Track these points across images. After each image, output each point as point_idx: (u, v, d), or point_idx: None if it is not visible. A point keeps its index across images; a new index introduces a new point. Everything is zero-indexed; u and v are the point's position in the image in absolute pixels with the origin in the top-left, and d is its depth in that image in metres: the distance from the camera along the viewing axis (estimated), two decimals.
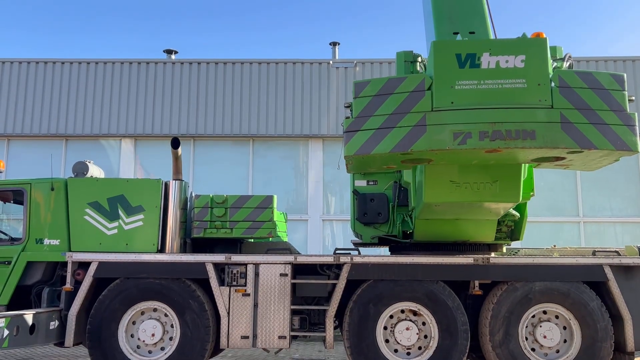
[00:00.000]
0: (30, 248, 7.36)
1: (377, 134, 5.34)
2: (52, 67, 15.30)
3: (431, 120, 5.22)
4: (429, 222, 7.04)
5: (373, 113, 5.40)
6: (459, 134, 5.12)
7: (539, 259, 7.10)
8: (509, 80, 5.22)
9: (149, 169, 14.95)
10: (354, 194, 7.95)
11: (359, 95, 5.51)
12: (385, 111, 5.38)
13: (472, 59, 5.29)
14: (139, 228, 7.41)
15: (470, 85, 5.25)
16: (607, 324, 6.87)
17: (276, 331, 7.07)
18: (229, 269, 7.20)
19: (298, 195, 14.92)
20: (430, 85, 5.31)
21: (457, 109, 5.21)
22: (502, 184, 6.09)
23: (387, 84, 5.47)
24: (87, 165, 8.08)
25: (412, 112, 5.28)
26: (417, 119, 5.24)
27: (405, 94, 5.34)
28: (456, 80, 5.26)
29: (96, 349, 6.98)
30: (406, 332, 6.98)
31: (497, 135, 5.07)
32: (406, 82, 5.42)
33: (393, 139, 5.28)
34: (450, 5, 6.72)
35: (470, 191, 6.09)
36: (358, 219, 7.85)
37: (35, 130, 15.01)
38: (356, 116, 5.47)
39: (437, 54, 5.39)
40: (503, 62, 5.26)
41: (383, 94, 5.42)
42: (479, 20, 6.66)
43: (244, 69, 15.21)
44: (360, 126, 5.42)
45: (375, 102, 5.43)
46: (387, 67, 15.11)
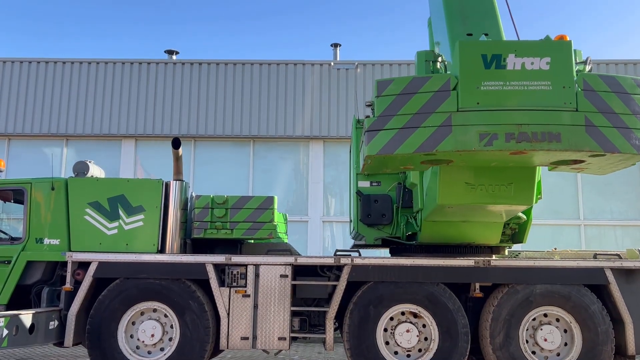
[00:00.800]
0: (30, 247, 7.34)
1: (400, 134, 5.25)
2: (53, 66, 15.31)
3: (457, 121, 5.16)
4: (436, 224, 7.02)
5: (396, 112, 5.30)
6: (485, 135, 5.08)
7: (540, 262, 7.08)
8: (534, 82, 5.20)
9: (150, 169, 14.94)
10: (357, 195, 7.90)
11: (381, 94, 5.39)
12: (409, 110, 5.28)
13: (497, 60, 5.26)
14: (139, 228, 7.39)
15: (496, 86, 5.22)
16: (608, 327, 6.86)
17: (276, 332, 7.05)
18: (229, 269, 7.18)
19: (298, 197, 14.92)
20: (456, 85, 5.25)
21: (483, 109, 5.16)
22: (516, 187, 6.09)
23: (411, 83, 5.38)
24: (88, 165, 8.06)
25: (437, 112, 5.20)
26: (442, 119, 5.17)
27: (430, 94, 5.27)
28: (482, 80, 5.22)
29: (95, 349, 6.96)
30: (406, 334, 6.96)
31: (523, 137, 5.04)
32: (431, 82, 5.34)
33: (417, 139, 5.20)
34: (462, 7, 6.71)
35: (485, 193, 6.08)
36: (362, 220, 7.79)
37: (36, 130, 15.01)
38: (379, 115, 5.36)
39: (463, 54, 5.33)
40: (528, 64, 5.24)
41: (407, 93, 5.32)
42: (491, 22, 6.67)
43: (245, 70, 15.21)
44: (383, 125, 5.32)
45: (398, 101, 5.33)
46: (388, 69, 15.12)
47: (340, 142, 14.55)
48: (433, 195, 6.44)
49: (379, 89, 5.42)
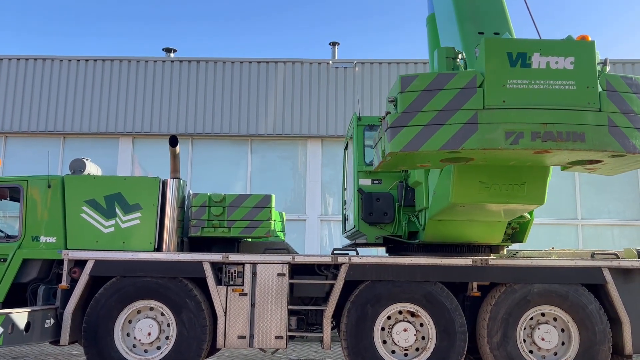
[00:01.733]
0: (26, 245, 7.31)
1: (425, 131, 5.17)
2: (50, 64, 15.25)
3: (483, 119, 5.11)
4: (441, 223, 7.00)
5: (421, 109, 5.22)
6: (511, 133, 5.06)
7: (538, 261, 7.08)
8: (558, 81, 5.20)
9: (147, 167, 14.90)
10: (358, 193, 7.82)
11: (405, 90, 5.30)
12: (435, 107, 5.20)
13: (523, 58, 5.24)
14: (136, 226, 7.36)
15: (521, 85, 5.19)
16: (605, 326, 6.86)
17: (273, 331, 7.03)
18: (227, 268, 7.16)
19: (296, 195, 14.90)
20: (482, 82, 5.21)
21: (509, 108, 5.13)
22: (529, 186, 6.12)
23: (437, 79, 5.31)
24: (85, 162, 8.03)
25: (463, 109, 5.14)
26: (469, 117, 5.12)
27: (456, 91, 5.20)
28: (507, 78, 5.19)
29: (92, 347, 6.93)
30: (404, 333, 6.95)
31: (548, 136, 5.04)
32: (457, 78, 5.28)
33: (443, 136, 5.13)
34: (473, 6, 6.69)
35: (499, 192, 6.08)
36: (363, 218, 7.71)
37: (33, 128, 14.96)
38: (402, 111, 5.27)
39: (489, 51, 5.29)
40: (553, 63, 5.24)
41: (432, 90, 5.25)
42: (501, 21, 6.67)
43: (243, 68, 15.18)
44: (407, 122, 5.23)
45: (423, 97, 5.25)
46: (386, 68, 15.10)
47: (339, 141, 14.52)
48: (444, 194, 6.41)
49: (403, 84, 5.34)
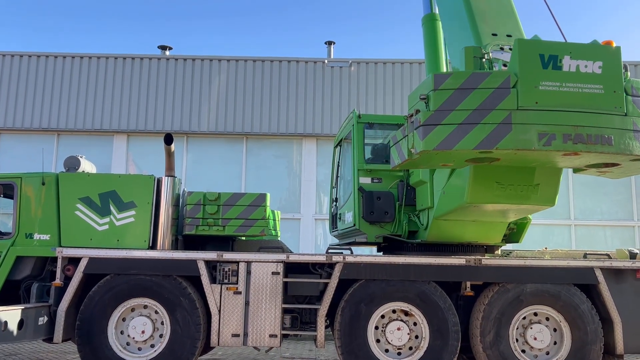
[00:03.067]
0: (19, 243, 7.29)
1: (459, 129, 5.17)
2: (44, 61, 15.18)
3: (517, 119, 5.15)
4: (446, 223, 7.04)
5: (455, 107, 5.21)
6: (544, 134, 5.13)
7: (531, 261, 7.12)
8: (587, 85, 5.30)
9: (142, 165, 14.87)
10: (359, 192, 7.74)
11: (439, 88, 5.29)
12: (469, 106, 5.21)
13: (554, 60, 5.32)
14: (131, 224, 7.35)
15: (553, 87, 5.27)
16: (597, 326, 6.91)
17: (267, 330, 7.04)
18: (221, 266, 7.16)
19: (291, 194, 14.90)
20: (516, 83, 5.26)
21: (541, 109, 5.20)
22: (542, 188, 6.23)
23: (470, 78, 5.34)
24: (79, 160, 8.01)
25: (497, 109, 5.18)
26: (503, 117, 5.15)
27: (490, 90, 5.23)
28: (540, 80, 5.26)
29: (85, 345, 6.92)
30: (397, 332, 6.97)
31: (579, 138, 5.14)
32: (491, 78, 5.31)
33: (477, 135, 5.15)
34: (484, 8, 6.73)
35: (514, 193, 6.17)
36: (364, 217, 7.65)
37: (27, 125, 14.89)
38: (435, 109, 5.25)
39: (522, 52, 5.34)
40: (582, 66, 5.34)
41: (466, 88, 5.27)
42: (513, 23, 6.74)
43: (238, 67, 15.16)
44: (441, 120, 5.21)
45: (457, 95, 5.25)
46: (382, 67, 15.13)
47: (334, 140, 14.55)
48: (455, 194, 6.46)
49: (436, 82, 5.33)
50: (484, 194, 6.17)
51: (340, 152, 9.19)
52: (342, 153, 8.93)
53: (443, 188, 6.84)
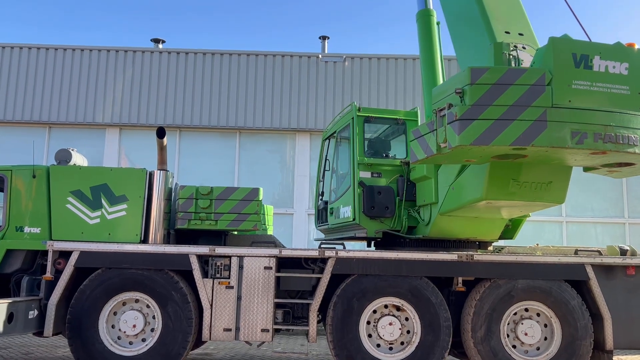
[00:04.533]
0: (10, 236, 7.22)
1: (496, 125, 5.20)
2: (36, 53, 15.04)
3: (551, 117, 5.22)
4: (451, 219, 7.07)
5: (492, 102, 5.24)
6: (577, 133, 5.22)
7: (522, 257, 7.16)
8: (615, 85, 5.43)
9: (134, 158, 14.79)
10: (359, 186, 7.64)
11: (475, 82, 5.30)
12: (505, 102, 5.24)
13: (585, 60, 5.41)
14: (122, 218, 7.31)
15: (584, 86, 5.36)
16: (587, 322, 6.96)
17: (259, 324, 7.03)
18: (213, 261, 7.14)
19: (284, 189, 14.89)
20: (550, 80, 5.31)
21: (574, 108, 5.29)
22: (554, 185, 6.35)
23: (507, 74, 5.36)
24: (70, 153, 7.94)
25: (532, 106, 5.24)
26: (538, 114, 5.21)
27: (526, 87, 5.28)
28: (573, 79, 5.34)
29: (76, 339, 6.89)
30: (389, 327, 6.99)
31: (609, 138, 5.25)
32: (527, 75, 5.35)
33: (514, 132, 5.19)
34: (496, 6, 6.75)
35: (528, 190, 6.26)
36: (365, 212, 7.54)
37: (18, 117, 14.76)
38: (472, 104, 5.26)
39: (557, 50, 5.40)
40: (611, 67, 5.45)
41: (502, 84, 5.30)
42: (523, 23, 6.78)
43: (232, 60, 15.09)
44: (478, 115, 5.22)
45: (493, 91, 5.27)
46: (375, 63, 15.11)
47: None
48: (469, 190, 6.50)
49: (473, 76, 5.33)
50: (500, 191, 6.24)
51: (330, 146, 9.03)
52: (335, 147, 8.77)
53: (452, 184, 6.85)
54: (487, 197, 6.25)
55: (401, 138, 8.45)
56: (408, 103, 14.56)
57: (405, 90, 14.92)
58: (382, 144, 8.29)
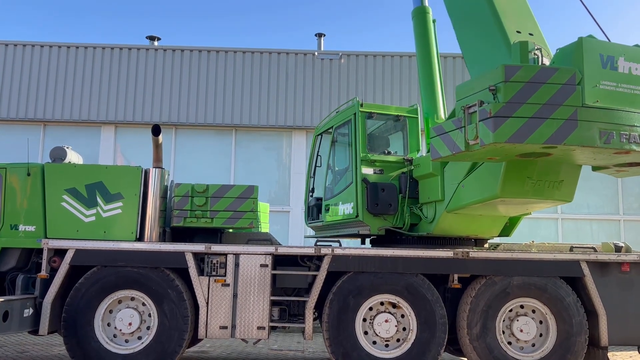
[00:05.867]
0: (4, 234, 7.20)
1: (530, 123, 5.27)
2: (30, 50, 14.95)
3: (582, 116, 5.33)
4: (457, 216, 7.12)
5: (526, 100, 5.31)
6: (605, 132, 5.35)
7: (518, 254, 7.18)
8: (638, 87, 5.56)
9: (129, 156, 14.74)
10: (363, 183, 7.57)
11: (510, 80, 5.36)
12: (538, 100, 5.31)
13: (611, 61, 5.52)
14: (118, 216, 7.29)
15: (610, 87, 5.48)
16: (582, 318, 6.99)
17: (255, 322, 7.03)
18: (209, 258, 7.13)
19: (280, 187, 14.87)
20: (580, 80, 5.39)
21: (602, 107, 5.39)
22: (565, 184, 6.54)
23: (540, 72, 5.42)
24: (65, 150, 7.92)
25: (564, 105, 5.32)
26: (569, 113, 5.30)
27: (558, 86, 5.35)
28: (600, 79, 5.44)
29: (71, 337, 6.87)
30: (385, 324, 7.00)
31: (634, 138, 5.40)
32: (558, 74, 5.42)
33: (547, 130, 5.27)
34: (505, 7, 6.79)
35: (541, 189, 6.40)
36: (369, 209, 7.49)
37: (13, 115, 14.68)
38: (507, 101, 5.31)
39: (587, 50, 5.50)
40: (634, 68, 5.59)
41: (536, 82, 5.36)
42: (532, 23, 6.86)
43: (227, 58, 15.05)
44: (512, 112, 5.28)
45: (527, 89, 5.33)
46: (372, 60, 15.09)
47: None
48: (481, 188, 6.57)
49: (507, 74, 5.38)
50: (515, 189, 6.34)
51: (323, 142, 8.89)
52: (331, 143, 8.57)
53: (461, 182, 6.88)
54: (503, 195, 6.35)
55: (398, 135, 8.45)
56: (404, 100, 14.56)
57: (401, 88, 14.93)
58: (381, 140, 8.27)
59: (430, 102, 8.70)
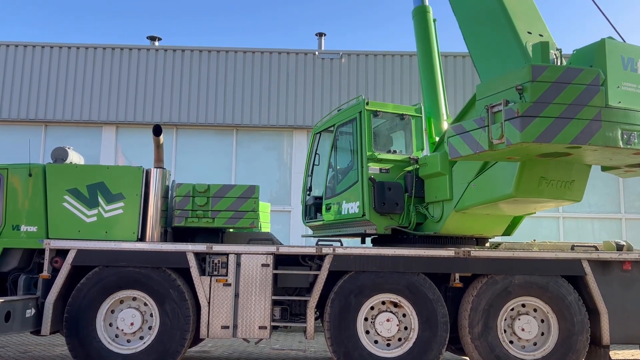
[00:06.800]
0: (6, 234, 7.21)
1: (557, 123, 5.32)
2: (31, 51, 14.97)
3: (605, 117, 5.41)
4: (466, 216, 7.15)
5: (552, 100, 5.36)
6: (627, 133, 5.48)
7: (519, 253, 7.17)
8: None
9: (130, 156, 14.75)
10: (370, 182, 7.52)
11: (537, 79, 5.41)
12: (565, 100, 5.37)
13: (631, 63, 5.64)
14: (119, 216, 7.30)
15: (631, 88, 5.60)
16: (583, 317, 6.99)
17: (257, 321, 7.04)
18: (210, 258, 7.14)
19: (281, 186, 14.87)
20: (604, 81, 5.47)
21: (624, 108, 5.50)
22: (575, 183, 6.62)
23: (566, 72, 5.47)
24: (67, 151, 7.93)
25: (589, 105, 5.39)
26: (594, 114, 5.38)
27: (583, 87, 5.42)
28: (622, 80, 5.53)
29: (73, 337, 6.88)
30: (386, 323, 7.00)
31: None
32: (583, 74, 5.47)
33: (573, 130, 5.33)
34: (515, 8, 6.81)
35: (553, 188, 6.49)
36: (377, 208, 7.45)
37: (14, 115, 14.70)
38: (534, 101, 5.36)
39: (610, 52, 5.58)
40: None
41: (562, 82, 5.41)
42: (541, 25, 6.91)
43: (228, 58, 15.05)
44: (539, 112, 5.33)
45: (554, 89, 5.39)
46: (372, 59, 15.09)
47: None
48: (494, 187, 6.62)
49: (534, 73, 5.43)
50: (530, 189, 6.40)
51: (322, 140, 8.81)
52: (333, 141, 8.44)
53: (472, 181, 6.90)
54: (517, 195, 6.40)
55: (399, 133, 8.43)
56: (405, 99, 14.54)
57: (401, 87, 14.92)
58: (384, 139, 8.25)
59: (431, 101, 8.70)
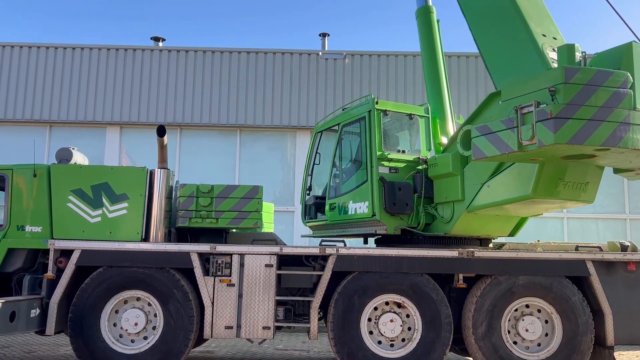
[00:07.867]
0: (11, 235, 7.25)
1: (589, 125, 5.37)
2: (36, 52, 15.02)
3: (634, 120, 5.51)
4: (476, 217, 7.19)
5: (584, 102, 5.41)
6: None
7: (523, 254, 7.15)
8: None
9: (134, 157, 14.79)
10: (380, 182, 7.47)
11: (569, 82, 5.45)
12: (596, 102, 5.44)
13: None
14: (123, 216, 7.33)
15: None
16: (588, 318, 6.96)
17: (260, 322, 7.05)
18: (214, 259, 7.15)
19: (285, 187, 14.88)
20: (632, 84, 5.54)
21: None
22: (590, 186, 6.71)
23: (597, 75, 5.52)
24: (71, 151, 7.96)
25: (619, 108, 5.45)
26: (623, 116, 5.47)
27: (613, 90, 5.49)
28: None
29: (78, 337, 6.91)
30: (390, 324, 7.00)
31: None
32: (613, 77, 5.54)
33: (604, 132, 5.40)
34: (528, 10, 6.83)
35: (569, 190, 6.56)
36: (387, 208, 7.39)
37: (19, 116, 14.75)
38: (567, 102, 5.40)
39: (637, 55, 5.68)
40: None
41: (593, 85, 5.46)
42: (554, 27, 6.94)
43: (232, 58, 15.07)
44: (572, 114, 5.37)
45: (586, 91, 5.44)
46: (376, 60, 15.08)
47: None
48: (512, 188, 6.65)
49: (567, 75, 5.47)
50: (548, 190, 6.45)
51: (324, 140, 8.76)
52: (338, 140, 8.35)
53: (486, 182, 6.90)
54: (535, 196, 6.44)
55: (404, 133, 8.41)
56: (409, 99, 14.53)
57: (405, 87, 14.91)
58: (391, 138, 8.20)
59: (436, 102, 8.69)
